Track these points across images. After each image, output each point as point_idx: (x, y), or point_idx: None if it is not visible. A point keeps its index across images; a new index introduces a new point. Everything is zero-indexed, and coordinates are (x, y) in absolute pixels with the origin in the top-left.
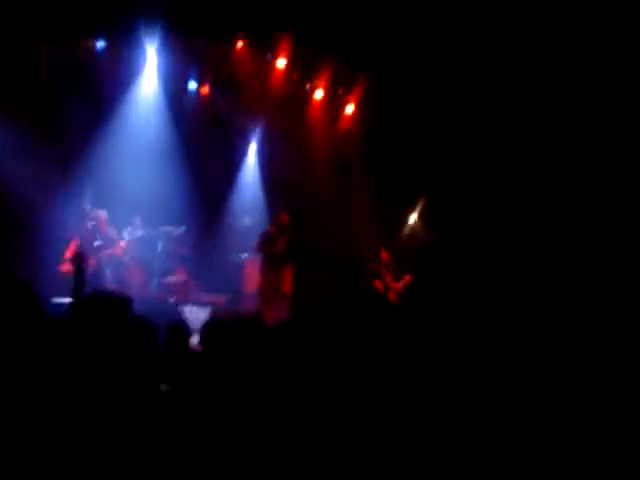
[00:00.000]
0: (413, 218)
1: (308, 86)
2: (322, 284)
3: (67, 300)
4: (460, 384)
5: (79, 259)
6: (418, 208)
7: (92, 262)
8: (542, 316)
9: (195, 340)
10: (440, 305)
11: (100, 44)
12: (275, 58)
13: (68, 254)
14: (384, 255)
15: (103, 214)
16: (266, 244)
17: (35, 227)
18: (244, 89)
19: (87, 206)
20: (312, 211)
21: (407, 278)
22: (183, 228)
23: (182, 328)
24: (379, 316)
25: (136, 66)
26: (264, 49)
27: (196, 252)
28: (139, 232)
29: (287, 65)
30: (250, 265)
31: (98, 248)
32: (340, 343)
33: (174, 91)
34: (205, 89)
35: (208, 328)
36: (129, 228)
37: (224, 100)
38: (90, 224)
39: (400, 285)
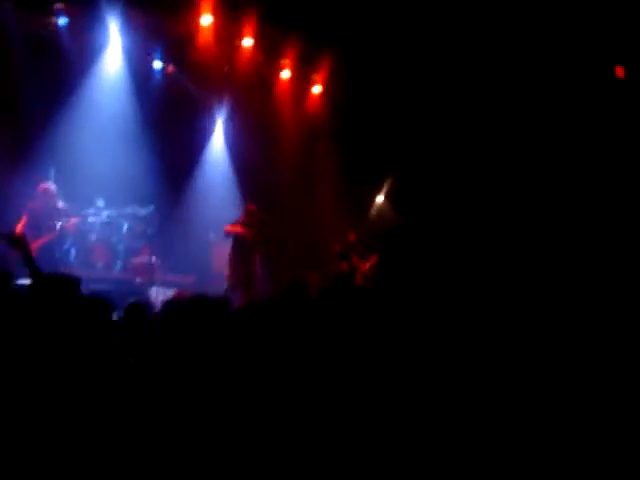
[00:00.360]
0: (380, 198)
1: (274, 66)
2: (290, 267)
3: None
4: (432, 366)
5: (14, 240)
6: (385, 188)
7: (40, 241)
8: (509, 295)
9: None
10: (408, 287)
11: (62, 20)
12: (241, 38)
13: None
14: (351, 236)
15: (52, 187)
16: (234, 233)
17: None
18: (210, 69)
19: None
20: (279, 192)
21: (373, 259)
22: (151, 207)
23: (142, 308)
24: (342, 298)
25: (99, 43)
26: (230, 28)
27: (162, 232)
28: (104, 214)
29: (254, 45)
30: (219, 245)
31: (53, 225)
32: (301, 328)
33: (138, 69)
34: (170, 68)
35: (169, 307)
36: (92, 210)
37: (189, 79)
38: (42, 199)
39: (367, 266)
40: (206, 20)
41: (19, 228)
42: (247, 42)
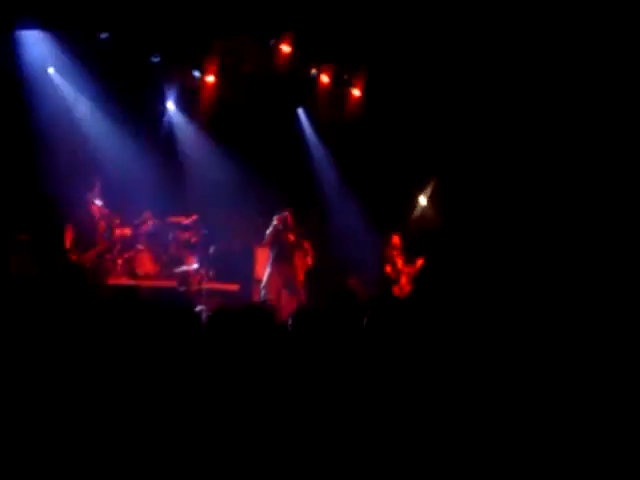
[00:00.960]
0: (423, 201)
1: (313, 71)
2: (333, 273)
3: None
4: (468, 373)
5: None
6: (428, 191)
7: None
8: (549, 298)
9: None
10: (451, 290)
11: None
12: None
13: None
14: (394, 239)
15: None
16: (274, 239)
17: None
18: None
19: (94, 199)
20: (318, 194)
21: (419, 262)
22: (194, 217)
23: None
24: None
25: None
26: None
27: (207, 241)
28: (150, 225)
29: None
30: (261, 252)
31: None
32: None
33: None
34: (210, 77)
35: (214, 317)
36: (137, 221)
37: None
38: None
39: (412, 269)
40: None
41: (67, 241)
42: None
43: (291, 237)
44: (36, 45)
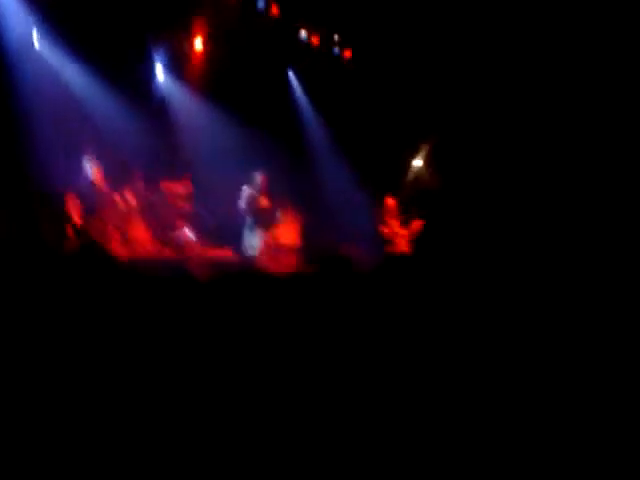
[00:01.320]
0: (417, 162)
1: (304, 32)
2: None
3: None
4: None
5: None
6: (423, 152)
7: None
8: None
9: None
10: (449, 251)
11: None
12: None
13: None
14: (389, 201)
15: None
16: (250, 205)
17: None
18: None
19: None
20: (315, 157)
21: (416, 224)
22: (188, 182)
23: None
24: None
25: None
26: None
27: (201, 206)
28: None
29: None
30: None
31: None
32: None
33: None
34: (198, 40)
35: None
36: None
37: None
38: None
39: (408, 231)
40: None
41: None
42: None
43: (264, 201)
44: (18, 10)
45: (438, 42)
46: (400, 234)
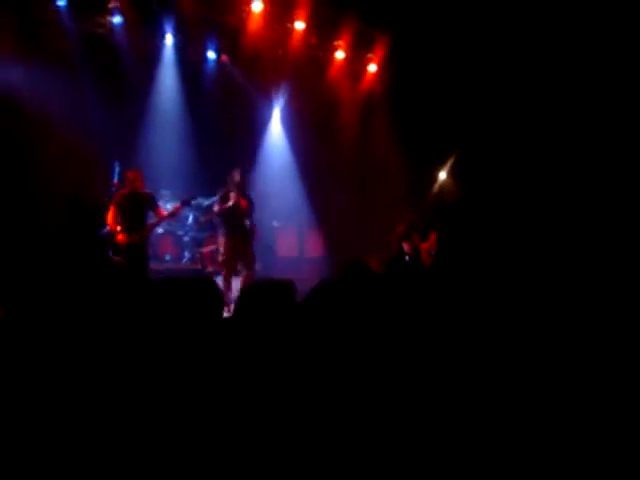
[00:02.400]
0: (442, 175)
1: (328, 48)
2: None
3: None
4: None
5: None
6: (447, 166)
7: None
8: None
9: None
10: (470, 263)
11: (117, 19)
12: (293, 21)
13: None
14: (412, 216)
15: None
16: (222, 203)
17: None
18: (263, 55)
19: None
20: (339, 175)
21: (433, 236)
22: (214, 198)
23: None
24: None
25: (154, 39)
26: (281, 12)
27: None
28: (168, 206)
29: (306, 28)
30: (282, 232)
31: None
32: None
33: (193, 62)
34: (224, 57)
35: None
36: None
37: (243, 67)
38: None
39: (429, 244)
40: (257, 6)
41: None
42: (299, 25)
43: (234, 197)
44: None
45: (459, 55)
46: (422, 248)
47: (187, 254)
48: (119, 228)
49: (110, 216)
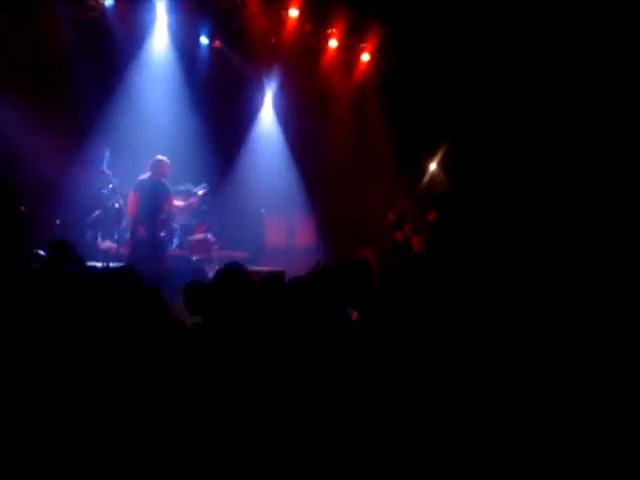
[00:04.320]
0: (433, 166)
1: (321, 36)
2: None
3: None
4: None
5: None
6: (438, 156)
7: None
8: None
9: None
10: (461, 254)
11: (108, 1)
12: (287, 9)
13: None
14: (404, 205)
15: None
16: None
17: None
18: (257, 41)
19: (106, 171)
20: (330, 163)
21: (431, 217)
22: (204, 184)
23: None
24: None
25: (146, 22)
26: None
27: (216, 209)
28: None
29: (299, 15)
30: (271, 221)
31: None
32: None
33: (185, 46)
34: (217, 43)
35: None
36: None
37: (237, 53)
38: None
39: (419, 237)
40: None
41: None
42: (293, 12)
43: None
44: None
45: (450, 48)
46: (413, 239)
47: (175, 241)
48: None
49: None
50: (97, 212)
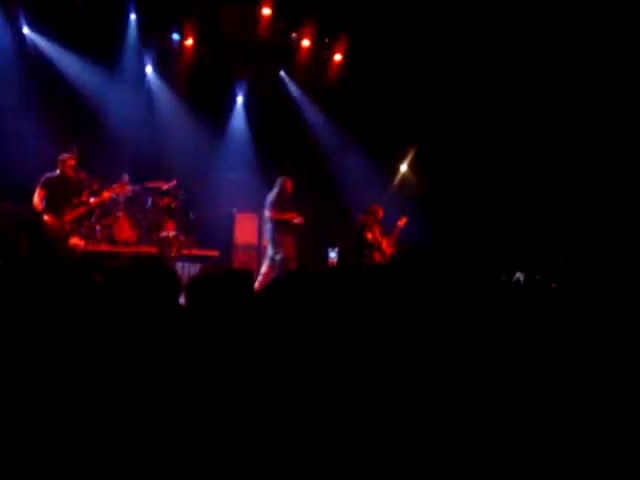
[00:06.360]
0: (403, 168)
1: (294, 35)
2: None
3: None
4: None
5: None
6: (408, 158)
7: (72, 215)
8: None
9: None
10: (432, 258)
11: None
12: (260, 6)
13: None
14: (375, 208)
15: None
16: (281, 211)
17: None
18: (229, 39)
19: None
20: (301, 164)
21: (396, 231)
22: (173, 182)
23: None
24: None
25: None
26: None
27: (186, 206)
28: (128, 190)
29: (272, 14)
30: (240, 218)
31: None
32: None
33: (157, 44)
34: (189, 40)
35: (196, 284)
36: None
37: (209, 51)
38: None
39: (388, 238)
40: None
41: (37, 202)
42: (266, 11)
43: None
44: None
45: (419, 48)
46: (382, 241)
47: (144, 238)
48: None
49: None
50: None
